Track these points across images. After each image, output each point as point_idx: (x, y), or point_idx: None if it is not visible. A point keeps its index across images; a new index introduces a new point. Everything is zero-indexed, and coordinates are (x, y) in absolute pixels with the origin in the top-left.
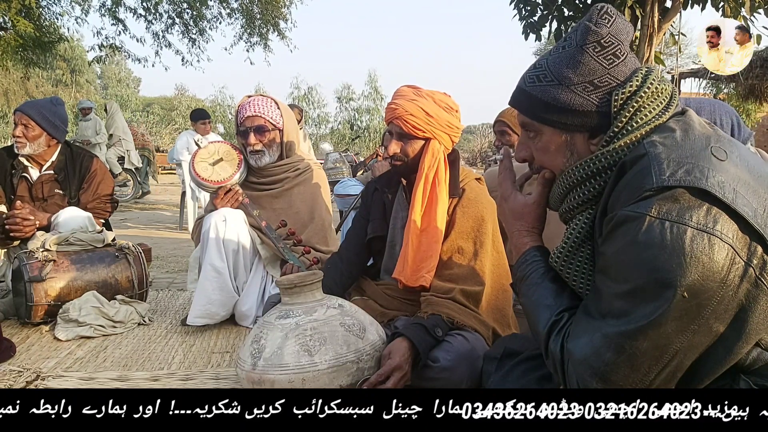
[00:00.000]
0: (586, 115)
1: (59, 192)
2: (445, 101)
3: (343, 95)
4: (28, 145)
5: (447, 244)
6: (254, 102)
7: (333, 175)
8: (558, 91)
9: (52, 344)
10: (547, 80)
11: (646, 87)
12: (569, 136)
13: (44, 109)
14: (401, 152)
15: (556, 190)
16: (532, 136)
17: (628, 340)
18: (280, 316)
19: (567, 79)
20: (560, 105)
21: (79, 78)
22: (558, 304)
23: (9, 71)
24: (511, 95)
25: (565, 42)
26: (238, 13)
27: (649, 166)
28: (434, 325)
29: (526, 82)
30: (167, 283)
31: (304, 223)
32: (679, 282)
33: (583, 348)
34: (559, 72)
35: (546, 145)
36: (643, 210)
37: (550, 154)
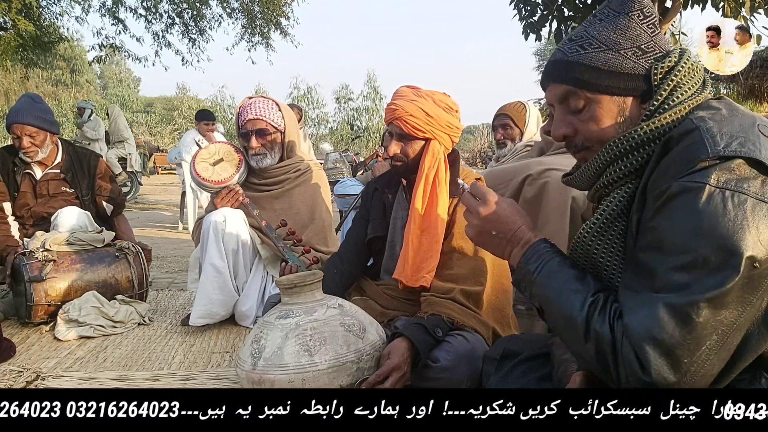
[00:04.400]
0: (638, 78)
1: (67, 190)
2: (444, 101)
3: (341, 95)
4: (39, 152)
5: (447, 245)
6: (255, 104)
7: (333, 175)
8: (608, 56)
9: (52, 344)
10: (593, 47)
11: (683, 63)
12: (623, 101)
13: (36, 112)
14: (401, 153)
15: (592, 166)
16: (580, 107)
17: (695, 310)
18: (280, 316)
19: (617, 44)
20: (612, 69)
21: (79, 78)
22: (587, 287)
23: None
24: (545, 73)
25: (602, 13)
26: (239, 12)
27: (702, 138)
28: (434, 325)
29: (567, 54)
30: (167, 283)
31: (305, 223)
32: (745, 250)
33: (643, 320)
34: (606, 38)
35: (596, 114)
36: (701, 180)
37: (600, 123)
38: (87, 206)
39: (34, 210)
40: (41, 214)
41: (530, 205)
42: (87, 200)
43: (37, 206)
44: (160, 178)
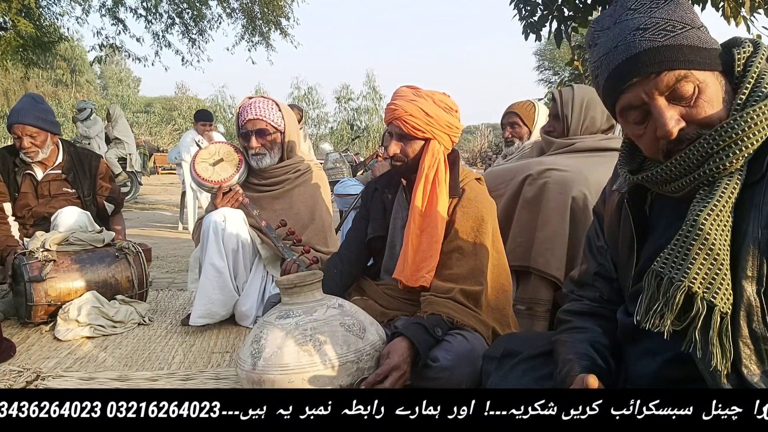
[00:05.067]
0: (718, 53)
1: (69, 191)
2: (444, 101)
3: (342, 95)
4: (40, 152)
5: (447, 244)
6: (255, 104)
7: (333, 175)
8: (698, 33)
9: (52, 344)
10: (680, 28)
11: (762, 52)
12: (720, 77)
13: (37, 112)
14: (401, 153)
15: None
16: (690, 92)
17: None
18: (280, 316)
19: (694, 22)
20: (706, 45)
21: (79, 78)
22: None
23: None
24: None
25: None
26: (239, 12)
27: None
28: (434, 324)
29: (659, 39)
30: (167, 283)
31: (305, 224)
32: None
33: None
34: (682, 17)
35: (708, 94)
36: None
37: (713, 103)
38: (88, 206)
39: (35, 210)
40: (42, 215)
41: (530, 205)
42: (88, 200)
43: (38, 206)
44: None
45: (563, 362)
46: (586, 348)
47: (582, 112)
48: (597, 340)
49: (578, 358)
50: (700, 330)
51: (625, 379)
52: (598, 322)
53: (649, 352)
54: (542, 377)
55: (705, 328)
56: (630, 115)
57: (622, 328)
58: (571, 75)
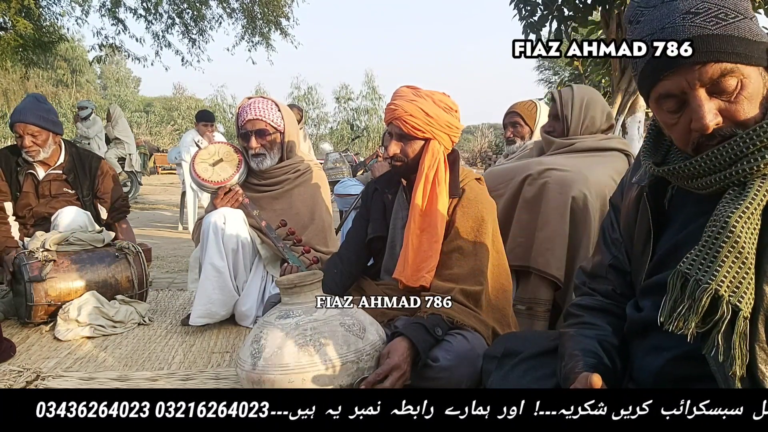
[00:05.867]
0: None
1: (69, 191)
2: (444, 101)
3: (341, 95)
4: (41, 151)
5: (447, 244)
6: (255, 105)
7: (333, 175)
8: (750, 25)
9: (52, 344)
10: (732, 17)
11: None
12: (764, 72)
13: (39, 112)
14: (401, 153)
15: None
16: (733, 87)
17: None
18: (280, 316)
19: (747, 11)
20: (757, 39)
21: (79, 78)
22: None
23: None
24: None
25: None
26: (239, 13)
27: None
28: (434, 324)
29: (710, 26)
30: (167, 283)
31: (305, 224)
32: None
33: None
34: (736, 5)
35: (749, 91)
36: None
37: (753, 102)
38: (87, 207)
39: (35, 210)
40: (42, 215)
41: (530, 205)
42: (87, 201)
43: (39, 206)
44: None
45: (569, 357)
46: (593, 345)
47: (582, 112)
48: (606, 339)
49: (584, 354)
50: (723, 334)
51: (629, 378)
52: (609, 320)
53: (656, 348)
54: (543, 377)
55: (728, 332)
56: (666, 103)
57: (631, 323)
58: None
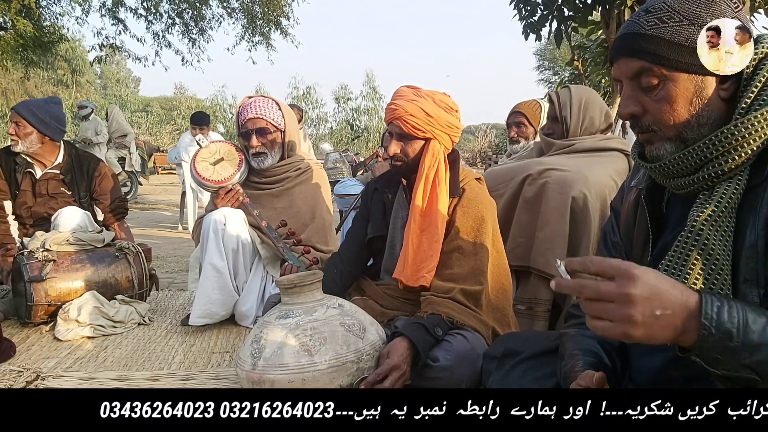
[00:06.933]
0: None
1: (66, 191)
2: (444, 101)
3: (340, 95)
4: (20, 143)
5: (447, 244)
6: (255, 103)
7: (333, 174)
8: (691, 31)
9: (52, 344)
10: (674, 21)
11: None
12: (701, 80)
13: (35, 107)
14: (401, 152)
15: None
16: (651, 86)
17: None
18: (280, 316)
19: (700, 18)
20: (695, 45)
21: (79, 78)
22: None
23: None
24: (617, 47)
25: None
26: (239, 12)
27: None
28: (434, 324)
29: (644, 27)
30: (167, 283)
31: (305, 222)
32: None
33: None
34: (689, 11)
35: (671, 93)
36: None
37: (674, 104)
38: (84, 209)
39: (33, 210)
40: (41, 214)
41: (530, 205)
42: (85, 203)
43: (36, 206)
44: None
45: (569, 356)
46: (593, 345)
47: (580, 113)
48: (606, 339)
49: (584, 354)
50: None
51: (629, 379)
52: None
53: (655, 348)
54: (543, 376)
55: None
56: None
57: None
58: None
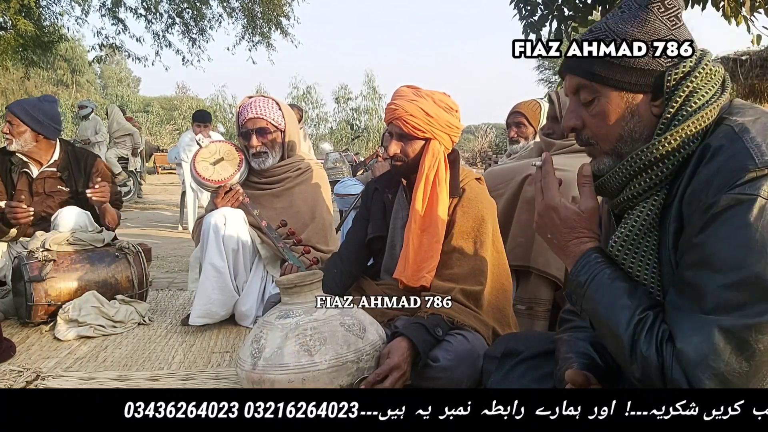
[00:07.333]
0: (651, 74)
1: (63, 189)
2: (444, 101)
3: (340, 95)
4: (14, 142)
5: (447, 244)
6: (255, 103)
7: (333, 174)
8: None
9: (52, 344)
10: (609, 40)
11: (701, 68)
12: (631, 97)
13: (28, 106)
14: (401, 152)
15: (615, 177)
16: (588, 101)
17: (752, 335)
18: (280, 315)
19: (632, 38)
20: (625, 63)
21: (79, 78)
22: (637, 303)
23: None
24: (563, 63)
25: (623, 7)
26: (239, 12)
27: (746, 148)
28: (434, 324)
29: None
30: (167, 283)
31: (305, 222)
32: None
33: (700, 347)
34: (622, 31)
35: (604, 108)
36: (753, 192)
37: (608, 118)
38: (82, 205)
39: None
40: (38, 214)
41: (530, 205)
42: (83, 199)
43: (34, 205)
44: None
45: (563, 360)
46: (586, 347)
47: None
48: (597, 340)
49: (578, 357)
50: None
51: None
52: None
53: None
54: (543, 377)
55: None
56: None
57: None
58: None
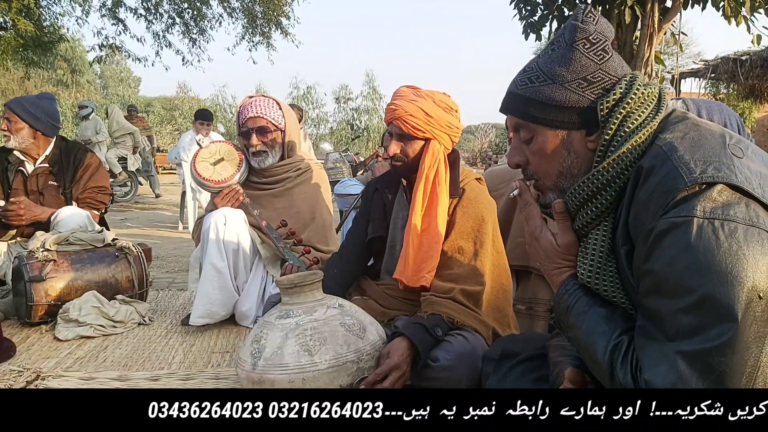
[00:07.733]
0: (582, 111)
1: (53, 184)
2: (444, 101)
3: (340, 95)
4: (13, 138)
5: (447, 244)
6: (256, 103)
7: (333, 174)
8: (552, 90)
9: (52, 344)
10: (539, 80)
11: (632, 93)
12: (566, 134)
13: (26, 103)
14: (401, 153)
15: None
16: (527, 139)
17: (713, 358)
18: (280, 315)
19: (560, 77)
20: (555, 103)
21: (79, 78)
22: (612, 327)
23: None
24: (502, 102)
25: (554, 44)
26: (240, 12)
27: (675, 167)
28: (434, 324)
29: (517, 86)
30: (167, 283)
31: (305, 222)
32: (746, 281)
33: (666, 376)
34: (551, 71)
35: (542, 147)
36: (687, 212)
37: (546, 156)
38: (68, 199)
39: None
40: None
41: None
42: (68, 193)
43: None
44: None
45: (554, 365)
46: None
47: None
48: None
49: (569, 360)
50: None
51: None
52: None
53: None
54: (540, 378)
55: None
56: None
57: None
58: None
